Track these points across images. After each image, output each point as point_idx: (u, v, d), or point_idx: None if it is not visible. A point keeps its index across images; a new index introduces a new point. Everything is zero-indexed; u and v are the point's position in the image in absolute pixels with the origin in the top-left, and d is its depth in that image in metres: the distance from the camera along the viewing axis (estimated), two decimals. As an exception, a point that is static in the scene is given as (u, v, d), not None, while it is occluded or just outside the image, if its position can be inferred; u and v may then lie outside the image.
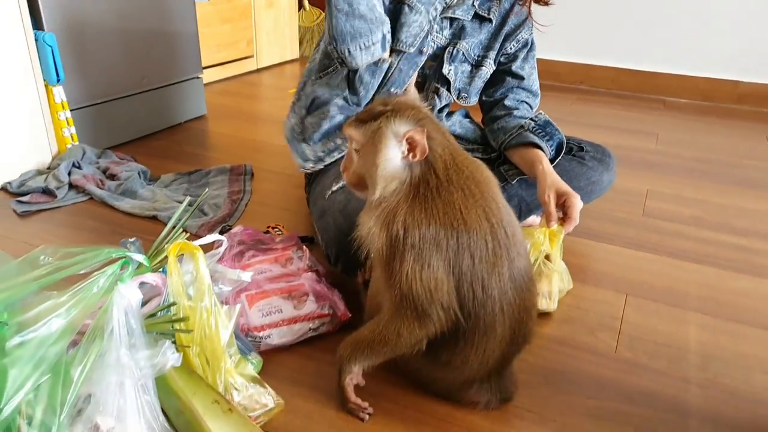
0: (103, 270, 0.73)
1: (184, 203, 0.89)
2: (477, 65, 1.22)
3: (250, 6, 2.64)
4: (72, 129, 1.61)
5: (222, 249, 0.83)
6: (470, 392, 0.80)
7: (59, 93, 1.56)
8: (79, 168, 1.53)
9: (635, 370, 0.91)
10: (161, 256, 0.81)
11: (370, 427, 0.78)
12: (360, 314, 0.92)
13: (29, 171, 1.52)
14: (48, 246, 0.78)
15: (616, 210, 1.46)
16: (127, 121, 1.81)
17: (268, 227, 1.26)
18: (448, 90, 1.21)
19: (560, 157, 1.21)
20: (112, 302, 0.67)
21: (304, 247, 1.08)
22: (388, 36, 1.07)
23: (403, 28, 1.10)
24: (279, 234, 1.22)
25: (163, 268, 0.79)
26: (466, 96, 1.24)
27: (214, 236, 0.83)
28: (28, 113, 1.50)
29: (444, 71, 1.19)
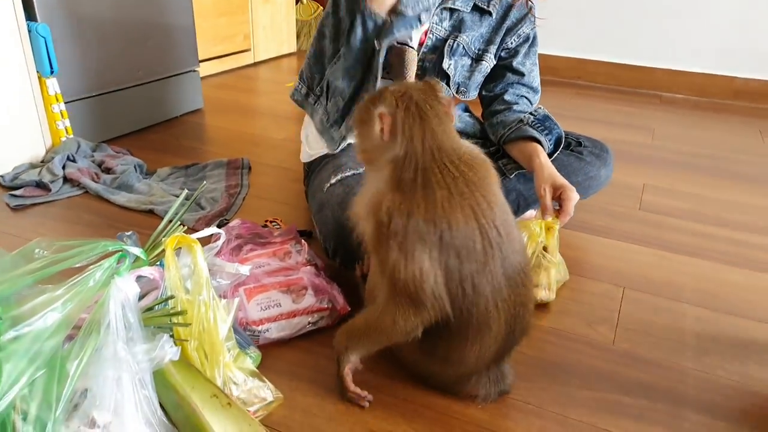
0: (100, 263, 0.73)
1: (182, 196, 0.88)
2: (477, 59, 1.21)
3: (247, -1, 2.63)
4: (66, 122, 1.60)
5: (220, 242, 0.83)
6: (468, 385, 0.80)
7: (53, 85, 1.55)
8: (74, 161, 1.51)
9: (632, 362, 0.91)
10: (158, 250, 0.80)
11: (370, 420, 0.78)
12: (359, 308, 0.91)
13: (22, 164, 1.50)
14: (43, 239, 0.77)
15: (613, 204, 1.46)
16: (123, 114, 1.79)
17: (266, 221, 1.26)
18: (447, 84, 1.20)
19: (558, 152, 1.20)
20: (109, 296, 0.67)
21: (303, 241, 1.08)
22: None
23: None
24: (277, 228, 1.22)
25: (161, 262, 0.78)
26: (465, 90, 1.23)
27: (212, 229, 0.82)
28: (21, 106, 1.49)
29: (444, 66, 1.17)
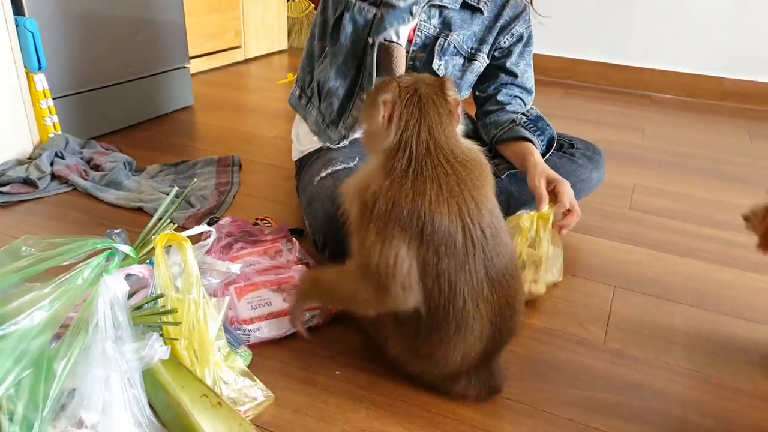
0: (88, 261, 0.72)
1: (171, 194, 0.87)
2: (470, 58, 1.20)
3: (238, -5, 2.61)
4: (54, 118, 1.58)
5: (210, 240, 0.82)
6: (459, 385, 0.80)
7: (41, 81, 1.52)
8: (62, 158, 1.49)
9: (623, 361, 0.91)
10: (148, 248, 0.79)
11: (362, 420, 0.77)
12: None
13: (9, 161, 1.48)
14: (30, 236, 0.76)
15: (604, 203, 1.47)
16: (112, 111, 1.77)
17: (257, 219, 1.25)
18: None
19: (551, 153, 1.21)
20: (98, 294, 0.66)
21: (294, 240, 1.07)
22: None
23: None
24: (268, 226, 1.21)
25: (150, 260, 0.77)
26: (457, 90, 1.22)
27: (202, 227, 0.81)
28: (8, 101, 1.46)
29: (434, 66, 1.16)
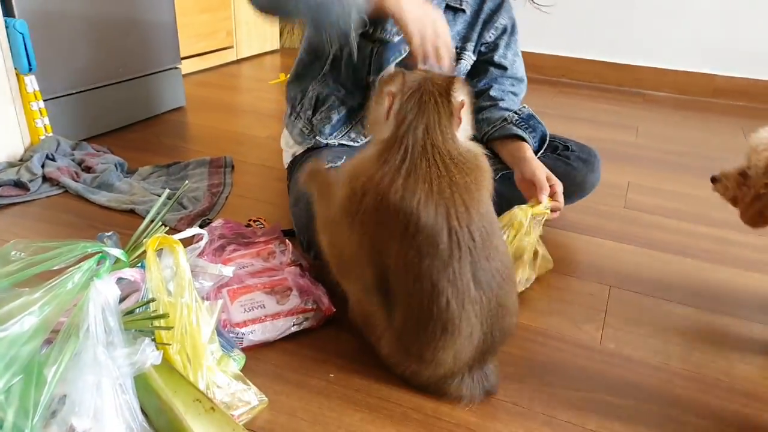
0: (79, 265, 0.71)
1: (163, 196, 0.86)
2: (456, 59, 1.20)
3: (230, -5, 2.60)
4: (45, 120, 1.56)
5: (202, 243, 0.81)
6: (452, 386, 0.79)
7: (31, 82, 1.51)
8: (53, 160, 1.48)
9: (620, 362, 0.91)
10: (139, 251, 0.78)
11: (356, 423, 0.77)
12: (344, 309, 0.90)
13: (0, 163, 1.47)
14: (20, 240, 0.75)
15: (599, 203, 1.47)
16: (103, 112, 1.76)
17: (249, 221, 1.24)
18: None
19: (545, 154, 1.20)
20: (88, 298, 0.65)
21: (287, 241, 1.06)
22: None
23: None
24: (261, 227, 1.20)
25: (142, 263, 0.76)
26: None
27: (194, 230, 0.80)
28: (-2, 103, 1.45)
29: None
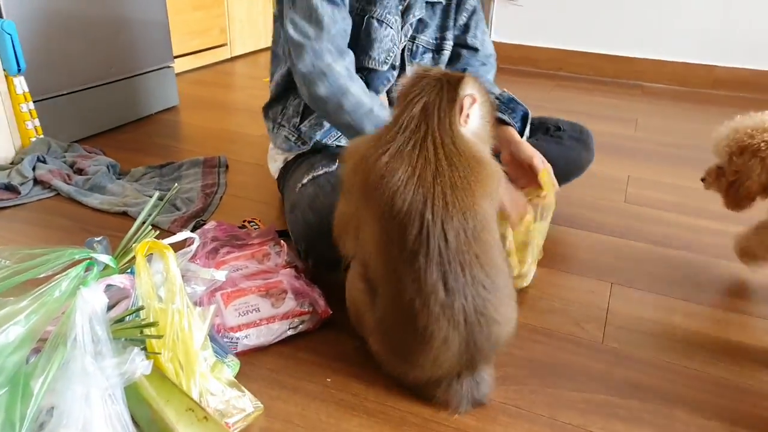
0: (66, 272, 0.69)
1: (153, 198, 0.84)
2: (438, 50, 1.20)
3: (223, -8, 2.57)
4: (36, 121, 1.54)
5: (194, 247, 0.79)
6: (439, 391, 0.77)
7: (20, 83, 1.48)
8: (45, 162, 1.46)
9: (622, 361, 0.89)
10: (129, 256, 0.76)
11: (354, 428, 0.75)
12: (341, 311, 0.88)
13: (-10, 166, 1.45)
14: (6, 247, 0.74)
15: (599, 197, 1.45)
16: (95, 113, 1.73)
17: (244, 221, 1.22)
18: None
19: (537, 136, 1.20)
20: (75, 308, 0.63)
21: (282, 242, 1.04)
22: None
23: (375, 45, 1.07)
24: (255, 228, 1.18)
25: (132, 269, 0.74)
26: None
27: (185, 234, 0.78)
28: (-13, 105, 1.43)
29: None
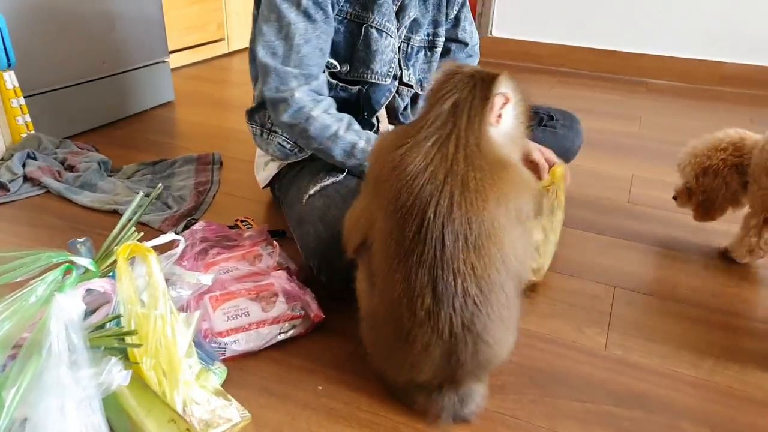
0: (43, 277, 0.66)
1: (138, 197, 0.81)
2: (431, 46, 1.18)
3: (220, -14, 2.53)
4: (27, 117, 1.51)
5: (179, 249, 0.76)
6: (419, 398, 0.74)
7: (11, 78, 1.45)
8: (35, 159, 1.43)
9: (625, 369, 0.86)
10: (111, 259, 0.73)
11: (345, 440, 0.72)
12: (334, 315, 0.85)
13: (-21, 163, 1.42)
14: (-19, 250, 0.71)
15: (602, 197, 1.41)
16: (88, 109, 1.70)
17: (236, 220, 1.18)
18: (410, 87, 1.17)
19: (532, 127, 1.18)
20: (50, 315, 0.60)
21: (275, 243, 1.01)
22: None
23: (376, 57, 1.03)
24: (248, 227, 1.15)
25: (113, 273, 0.71)
26: (428, 82, 1.21)
27: (170, 236, 0.75)
28: (-24, 100, 1.40)
29: (405, 79, 1.14)
